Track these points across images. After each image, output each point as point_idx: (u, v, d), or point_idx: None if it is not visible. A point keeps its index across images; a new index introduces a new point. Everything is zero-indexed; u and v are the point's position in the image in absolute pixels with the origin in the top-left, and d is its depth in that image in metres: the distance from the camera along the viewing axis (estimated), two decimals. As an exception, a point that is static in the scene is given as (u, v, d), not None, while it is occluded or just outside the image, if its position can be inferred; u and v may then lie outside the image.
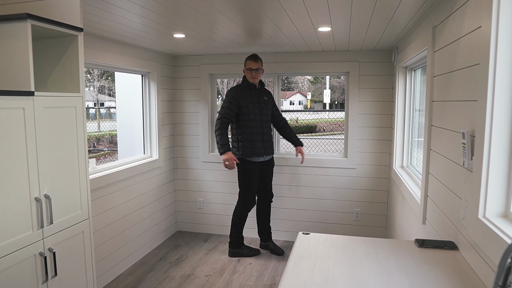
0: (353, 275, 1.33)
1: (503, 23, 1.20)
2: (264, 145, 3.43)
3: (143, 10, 2.11)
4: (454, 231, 1.60)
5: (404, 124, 3.20)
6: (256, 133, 3.39)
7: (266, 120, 3.46)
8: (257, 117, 3.39)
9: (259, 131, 3.40)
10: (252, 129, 3.37)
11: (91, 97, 22.97)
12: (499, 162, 1.25)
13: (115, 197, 3.19)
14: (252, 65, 3.35)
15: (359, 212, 3.85)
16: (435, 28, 2.00)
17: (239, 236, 3.59)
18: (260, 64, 3.38)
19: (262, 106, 3.43)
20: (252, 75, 3.36)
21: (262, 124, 3.42)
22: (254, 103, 3.39)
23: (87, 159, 2.03)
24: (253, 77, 3.37)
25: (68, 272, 1.93)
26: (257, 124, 3.39)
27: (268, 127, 3.48)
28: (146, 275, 3.27)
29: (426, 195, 2.09)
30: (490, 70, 1.23)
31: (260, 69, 3.37)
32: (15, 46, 1.67)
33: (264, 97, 3.48)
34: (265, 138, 3.44)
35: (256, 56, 3.37)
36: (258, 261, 3.53)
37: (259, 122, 3.40)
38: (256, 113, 3.39)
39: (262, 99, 3.45)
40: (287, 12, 2.17)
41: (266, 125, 3.46)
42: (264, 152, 3.44)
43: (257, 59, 3.36)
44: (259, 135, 3.40)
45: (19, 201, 1.62)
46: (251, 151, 3.37)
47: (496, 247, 1.14)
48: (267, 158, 3.51)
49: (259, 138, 3.40)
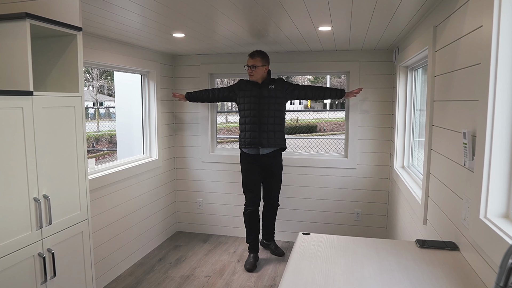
0: (353, 275, 1.33)
1: (505, 22, 1.20)
2: (260, 135, 3.24)
3: (143, 9, 2.11)
4: (455, 231, 1.59)
5: (405, 124, 3.19)
6: (252, 122, 3.26)
7: (268, 112, 3.25)
8: (253, 112, 3.25)
9: (256, 121, 3.24)
10: (247, 120, 3.28)
11: (90, 97, 22.96)
12: (500, 162, 1.24)
13: (114, 197, 3.19)
14: (248, 61, 3.23)
15: (360, 213, 3.84)
16: (436, 27, 1.99)
17: (249, 241, 3.45)
18: (256, 60, 3.19)
19: (263, 99, 3.24)
20: (248, 72, 3.24)
21: (260, 116, 3.24)
22: (252, 97, 3.26)
23: (86, 159, 2.03)
24: (250, 74, 3.24)
25: (67, 273, 1.92)
26: (254, 117, 3.25)
27: (270, 119, 3.25)
28: (146, 276, 3.26)
29: (427, 195, 2.08)
30: (491, 70, 1.22)
31: (255, 66, 3.18)
32: (14, 46, 1.67)
33: (270, 86, 3.26)
34: (263, 128, 3.24)
35: (253, 53, 3.20)
36: (258, 262, 3.52)
37: (256, 116, 3.25)
38: (252, 108, 3.26)
39: (266, 92, 3.25)
40: (288, 11, 2.16)
41: (268, 117, 3.24)
42: (260, 142, 3.24)
43: (253, 55, 3.20)
44: (255, 124, 3.25)
45: (17, 201, 1.62)
46: (244, 141, 3.31)
47: (498, 248, 1.14)
48: (265, 151, 3.30)
49: (255, 128, 3.25)
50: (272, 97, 3.26)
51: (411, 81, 3.09)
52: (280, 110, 3.31)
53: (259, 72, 3.23)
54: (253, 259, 3.42)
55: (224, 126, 15.75)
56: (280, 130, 3.32)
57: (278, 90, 3.28)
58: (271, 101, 3.26)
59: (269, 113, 3.26)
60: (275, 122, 3.28)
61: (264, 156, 3.33)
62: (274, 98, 3.27)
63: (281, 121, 3.33)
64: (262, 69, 3.23)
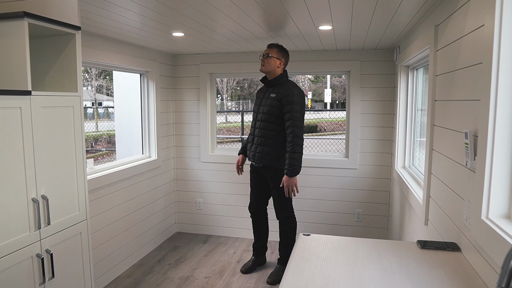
0: (354, 277, 1.32)
1: (506, 21, 1.19)
2: (251, 148, 3.07)
3: (142, 8, 2.10)
4: (456, 232, 1.58)
5: (406, 123, 3.18)
6: (251, 132, 3.14)
7: (261, 122, 3.00)
8: (253, 115, 3.14)
9: (252, 130, 3.13)
10: (251, 126, 3.18)
11: (89, 97, 22.93)
12: (502, 163, 1.23)
13: (113, 198, 3.17)
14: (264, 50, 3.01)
15: (361, 213, 3.82)
16: (437, 26, 1.98)
17: (253, 242, 3.41)
18: (272, 50, 2.93)
19: (262, 104, 3.04)
20: (261, 60, 2.98)
21: (255, 124, 3.08)
22: (258, 100, 3.14)
23: (85, 160, 2.01)
24: (261, 64, 2.98)
25: (65, 274, 1.91)
26: (253, 123, 3.14)
27: (263, 131, 2.98)
28: (145, 277, 3.25)
29: (428, 195, 2.07)
30: (493, 69, 1.21)
31: (269, 55, 2.92)
32: (12, 45, 1.66)
33: (272, 94, 2.97)
34: (255, 141, 3.03)
35: (272, 43, 2.99)
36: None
37: (253, 121, 3.13)
38: (254, 111, 3.14)
39: (268, 96, 3.01)
40: (288, 10, 2.15)
41: (261, 128, 2.99)
42: (249, 156, 3.09)
43: (271, 46, 2.96)
44: (251, 135, 3.13)
45: (16, 202, 1.60)
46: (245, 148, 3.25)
47: (500, 249, 1.13)
48: (257, 165, 3.09)
49: (250, 138, 3.13)
50: (267, 107, 2.97)
51: (412, 80, 3.07)
52: (271, 123, 2.95)
53: (271, 64, 2.93)
54: (251, 262, 3.37)
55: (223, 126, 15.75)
56: (269, 146, 2.96)
57: (277, 100, 2.93)
58: (265, 110, 2.98)
59: (261, 124, 3.00)
60: (260, 135, 3.00)
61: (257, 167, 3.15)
62: (269, 108, 2.96)
63: (271, 135, 2.95)
64: (275, 61, 2.93)
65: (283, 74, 3.00)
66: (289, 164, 2.83)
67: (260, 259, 3.42)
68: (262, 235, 3.36)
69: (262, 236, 3.36)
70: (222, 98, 22.61)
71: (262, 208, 3.30)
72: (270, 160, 2.98)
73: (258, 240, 3.38)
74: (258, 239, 3.37)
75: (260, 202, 3.28)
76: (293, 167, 2.82)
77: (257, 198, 3.27)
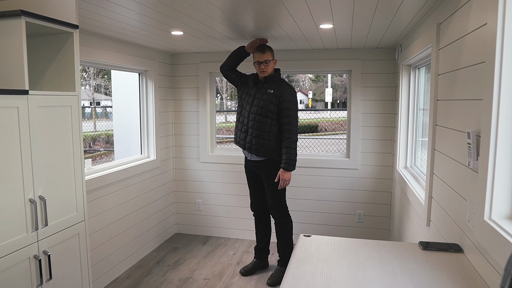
0: (355, 278, 1.30)
1: (510, 20, 1.18)
2: (246, 140, 3.06)
3: (140, 6, 2.08)
4: (459, 233, 1.56)
5: (408, 123, 3.16)
6: (241, 122, 3.11)
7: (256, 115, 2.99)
8: (246, 106, 3.09)
9: (245, 121, 3.09)
10: (239, 118, 3.15)
11: (87, 96, 22.87)
12: (505, 163, 1.22)
13: (112, 198, 3.16)
14: (259, 57, 2.96)
15: (362, 214, 3.81)
16: (440, 25, 1.97)
17: (256, 245, 3.39)
18: (269, 55, 2.97)
19: (257, 97, 3.01)
20: (261, 68, 2.98)
21: (248, 118, 3.04)
22: (249, 93, 3.10)
23: (82, 160, 2.00)
24: (262, 70, 2.98)
25: (63, 275, 1.89)
26: (245, 113, 3.09)
27: (258, 124, 2.99)
28: (143, 279, 3.23)
29: (431, 196, 2.06)
30: (496, 68, 1.21)
31: (269, 61, 2.97)
32: (9, 44, 1.64)
33: (269, 90, 3.00)
34: (250, 133, 3.03)
35: (263, 47, 2.98)
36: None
37: (246, 115, 3.07)
38: (244, 106, 3.10)
39: (263, 92, 3.00)
40: (288, 9, 2.14)
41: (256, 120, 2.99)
42: (245, 146, 3.07)
43: (264, 50, 2.96)
44: (244, 125, 3.09)
45: (13, 202, 1.59)
46: (234, 138, 3.22)
47: (502, 250, 1.12)
48: (253, 158, 3.10)
49: (243, 129, 3.09)
50: (264, 101, 2.99)
51: (414, 79, 3.06)
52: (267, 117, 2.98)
53: (271, 67, 3.04)
54: (251, 264, 3.34)
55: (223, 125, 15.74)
56: (264, 139, 3.00)
57: (275, 97, 2.96)
58: (261, 104, 2.99)
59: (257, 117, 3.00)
60: (255, 128, 3.01)
61: (252, 162, 3.14)
62: (266, 103, 2.98)
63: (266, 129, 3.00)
64: (273, 63, 3.04)
65: (278, 72, 3.10)
66: (287, 159, 2.95)
67: (262, 262, 3.39)
68: (264, 235, 3.35)
69: (264, 237, 3.35)
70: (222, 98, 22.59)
71: (264, 206, 3.30)
72: (266, 151, 3.03)
73: (261, 241, 3.36)
74: (260, 240, 3.35)
75: (261, 200, 3.29)
76: (290, 161, 2.95)
77: (257, 197, 3.28)
